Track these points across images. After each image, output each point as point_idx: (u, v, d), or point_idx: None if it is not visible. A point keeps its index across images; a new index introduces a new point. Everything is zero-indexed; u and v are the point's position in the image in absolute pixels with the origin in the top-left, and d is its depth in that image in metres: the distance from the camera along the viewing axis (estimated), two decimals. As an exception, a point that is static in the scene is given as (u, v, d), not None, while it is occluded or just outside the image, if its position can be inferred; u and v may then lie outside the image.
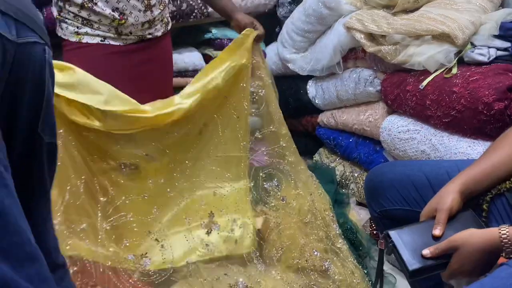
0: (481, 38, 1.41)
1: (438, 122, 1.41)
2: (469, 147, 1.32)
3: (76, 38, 1.34)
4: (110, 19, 1.33)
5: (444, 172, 1.02)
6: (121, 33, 1.37)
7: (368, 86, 1.72)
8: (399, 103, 1.56)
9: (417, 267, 0.83)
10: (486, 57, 1.36)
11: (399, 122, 1.56)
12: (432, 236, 0.86)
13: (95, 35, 1.35)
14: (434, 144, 1.41)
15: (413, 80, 1.51)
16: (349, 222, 1.66)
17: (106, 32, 1.35)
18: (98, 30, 1.35)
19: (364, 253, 1.59)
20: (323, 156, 2.06)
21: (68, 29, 1.34)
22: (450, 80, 1.38)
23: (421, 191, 1.03)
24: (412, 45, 1.51)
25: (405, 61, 1.51)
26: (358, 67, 1.80)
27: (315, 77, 2.00)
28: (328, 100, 1.93)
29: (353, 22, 1.66)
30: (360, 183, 1.83)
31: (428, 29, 1.45)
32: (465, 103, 1.30)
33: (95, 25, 1.34)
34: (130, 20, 1.36)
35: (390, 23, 1.57)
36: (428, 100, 1.42)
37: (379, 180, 1.11)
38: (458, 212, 0.89)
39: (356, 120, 1.79)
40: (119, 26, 1.35)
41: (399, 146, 1.54)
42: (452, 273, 0.82)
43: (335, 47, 1.78)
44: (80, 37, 1.34)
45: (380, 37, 1.60)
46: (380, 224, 1.15)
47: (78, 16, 1.32)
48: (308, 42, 1.97)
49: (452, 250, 0.81)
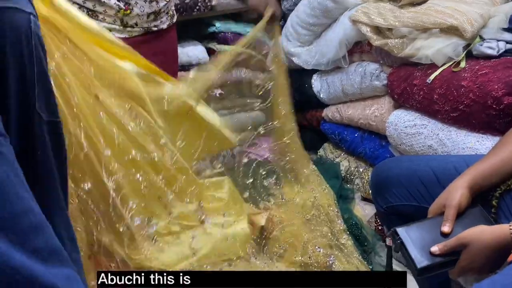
0: (490, 31, 1.39)
1: (445, 117, 1.39)
2: (478, 142, 1.30)
3: None
4: (115, 10, 1.32)
5: (452, 167, 1.00)
6: (126, 24, 1.36)
7: (374, 80, 1.70)
8: (405, 97, 1.54)
9: (426, 265, 0.81)
10: (495, 51, 1.34)
11: (405, 117, 1.54)
12: (440, 232, 0.84)
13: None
14: (442, 139, 1.39)
15: (420, 74, 1.49)
16: (354, 217, 1.65)
17: (112, 24, 1.35)
18: (104, 22, 1.34)
19: (369, 248, 1.59)
20: (327, 151, 2.05)
21: None
22: (458, 74, 1.36)
23: (428, 186, 1.02)
24: (419, 38, 1.48)
25: (412, 54, 1.49)
26: (364, 60, 1.78)
27: (320, 71, 1.98)
28: (333, 94, 1.91)
29: (359, 15, 1.64)
30: (365, 178, 1.82)
31: (436, 22, 1.43)
32: (473, 97, 1.28)
33: (100, 16, 1.33)
34: (136, 10, 1.35)
35: (396, 16, 1.55)
36: (435, 94, 1.40)
37: (386, 175, 1.10)
38: (467, 208, 0.88)
39: (361, 115, 1.78)
40: (125, 17, 1.34)
41: (405, 141, 1.52)
42: (461, 271, 0.81)
43: (340, 40, 1.76)
44: None
45: (387, 30, 1.58)
46: (386, 220, 1.13)
47: (83, 7, 1.32)
48: (313, 35, 1.95)
49: (461, 247, 0.80)
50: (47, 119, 0.66)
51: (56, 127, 0.69)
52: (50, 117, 0.67)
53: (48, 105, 0.66)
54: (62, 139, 0.72)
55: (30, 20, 0.61)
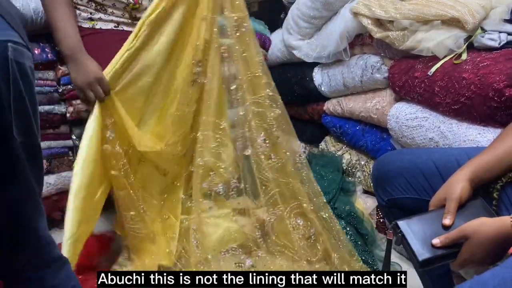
0: (492, 23, 1.38)
1: (447, 109, 1.38)
2: (479, 135, 1.29)
3: (90, 24, 1.33)
4: (124, 4, 1.32)
5: (453, 160, 1.00)
6: (135, 17, 1.36)
7: (375, 73, 1.70)
8: (407, 90, 1.54)
9: (427, 257, 0.82)
10: (497, 42, 1.33)
11: (407, 110, 1.54)
12: (442, 225, 0.84)
13: (109, 21, 1.34)
14: (443, 131, 1.39)
15: (421, 66, 1.48)
16: (356, 210, 1.66)
17: (120, 18, 1.34)
18: (112, 15, 1.33)
19: (371, 241, 1.59)
20: (329, 144, 2.05)
21: (81, 16, 1.33)
22: (459, 66, 1.35)
23: (430, 179, 1.02)
24: (420, 30, 1.48)
25: (414, 47, 1.49)
26: (365, 53, 1.78)
27: (321, 64, 1.98)
28: (335, 87, 1.91)
29: (360, 8, 1.63)
30: (366, 171, 1.82)
31: (437, 14, 1.42)
32: (475, 90, 1.28)
33: (109, 10, 1.33)
34: (144, 3, 1.34)
35: (397, 8, 1.54)
36: (436, 86, 1.40)
37: (387, 168, 1.10)
38: (468, 200, 0.88)
39: (363, 108, 1.77)
40: (133, 11, 1.34)
41: (407, 133, 1.52)
42: (462, 263, 0.81)
43: (341, 33, 1.75)
44: (94, 23, 1.33)
45: (388, 23, 1.57)
46: (388, 212, 1.14)
47: (91, 1, 1.31)
48: (314, 28, 1.94)
49: (462, 239, 0.80)
50: (24, 142, 0.70)
51: (32, 147, 0.73)
52: (27, 140, 0.70)
53: (25, 129, 0.69)
54: (38, 159, 0.76)
55: (6, 47, 0.62)
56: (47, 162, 1.66)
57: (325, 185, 1.74)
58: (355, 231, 1.59)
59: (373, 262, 1.50)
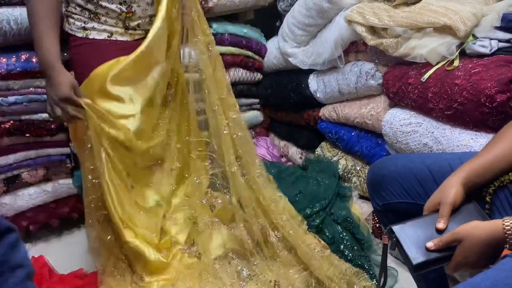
0: (483, 30, 1.40)
1: (440, 115, 1.40)
2: (472, 140, 1.31)
3: (83, 34, 1.34)
4: (117, 13, 1.33)
5: (446, 164, 1.02)
6: (128, 26, 1.37)
7: (369, 80, 1.72)
8: (401, 96, 1.55)
9: (421, 261, 0.83)
10: (488, 49, 1.36)
11: (401, 115, 1.56)
12: (436, 229, 0.86)
13: (102, 30, 1.34)
14: (437, 136, 1.41)
15: (414, 73, 1.50)
16: (352, 215, 1.67)
17: (113, 26, 1.35)
18: (105, 24, 1.34)
19: (368, 246, 1.60)
20: (325, 150, 2.06)
21: (75, 24, 1.34)
22: (452, 73, 1.37)
23: (423, 184, 1.03)
24: (413, 37, 1.50)
25: (407, 54, 1.51)
26: (360, 60, 1.80)
27: (316, 71, 2.00)
28: (330, 94, 1.93)
29: (354, 15, 1.65)
30: (362, 176, 1.83)
31: (429, 21, 1.45)
32: (467, 96, 1.30)
33: (102, 19, 1.33)
34: (138, 12, 1.36)
35: (391, 15, 1.56)
36: (430, 92, 1.42)
37: (382, 173, 1.11)
38: (462, 204, 0.89)
39: (358, 114, 1.79)
40: (127, 20, 1.35)
41: (401, 139, 1.54)
42: (456, 266, 0.82)
43: (336, 40, 1.77)
44: (87, 33, 1.34)
45: (382, 30, 1.59)
46: (383, 217, 1.15)
47: (84, 10, 1.32)
48: (309, 35, 1.96)
49: (456, 242, 0.81)
50: None
51: None
52: None
53: None
54: None
55: None
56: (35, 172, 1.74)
57: (321, 190, 1.75)
58: (352, 236, 1.60)
59: (369, 267, 1.51)
